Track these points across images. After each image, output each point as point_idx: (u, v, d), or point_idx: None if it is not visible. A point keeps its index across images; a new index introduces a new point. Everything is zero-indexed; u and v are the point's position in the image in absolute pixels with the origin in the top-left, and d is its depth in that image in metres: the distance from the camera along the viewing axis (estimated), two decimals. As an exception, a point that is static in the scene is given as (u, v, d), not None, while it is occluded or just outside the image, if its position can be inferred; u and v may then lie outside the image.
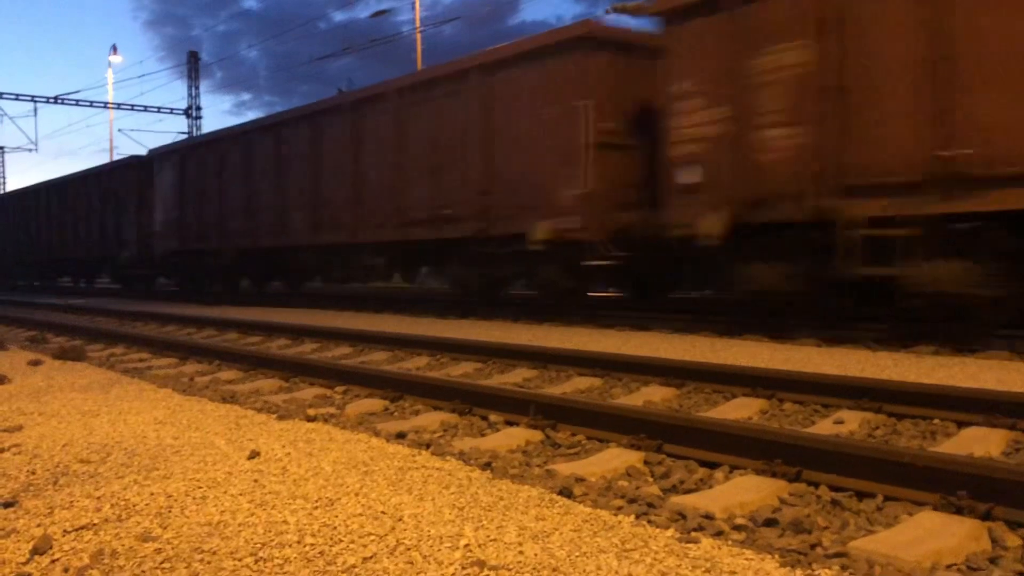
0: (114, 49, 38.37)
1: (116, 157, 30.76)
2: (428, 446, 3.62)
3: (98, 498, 2.84)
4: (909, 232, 6.77)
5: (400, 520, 2.55)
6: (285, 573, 2.17)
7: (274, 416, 4.30)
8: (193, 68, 34.43)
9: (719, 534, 2.49)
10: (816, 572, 2.15)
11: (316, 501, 2.76)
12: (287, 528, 2.50)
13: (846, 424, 4.05)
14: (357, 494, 2.83)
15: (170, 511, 2.69)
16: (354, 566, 2.20)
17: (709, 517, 2.65)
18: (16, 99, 31.59)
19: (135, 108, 34.67)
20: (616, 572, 2.13)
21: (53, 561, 2.30)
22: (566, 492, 2.88)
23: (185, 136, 31.79)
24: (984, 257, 6.53)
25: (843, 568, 2.20)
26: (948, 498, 2.65)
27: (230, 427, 4.02)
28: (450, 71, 11.81)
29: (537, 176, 10.33)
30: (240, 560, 2.26)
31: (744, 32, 7.92)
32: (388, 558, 2.25)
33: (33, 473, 3.24)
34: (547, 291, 10.99)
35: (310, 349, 8.11)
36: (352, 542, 2.38)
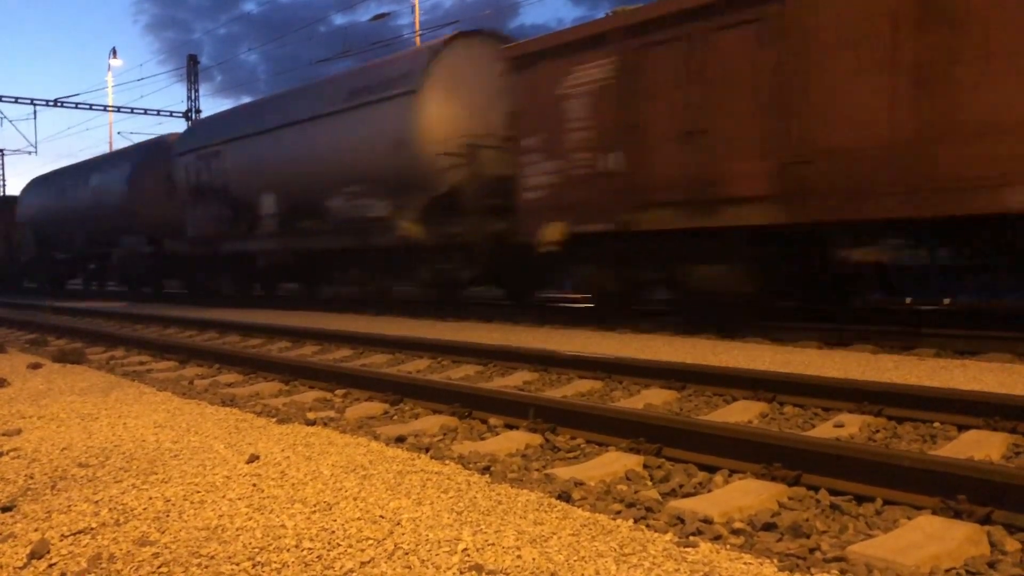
0: (114, 52, 38.41)
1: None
2: (427, 450, 3.62)
3: (96, 502, 2.84)
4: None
5: (398, 524, 2.55)
6: (282, 578, 2.17)
7: (274, 420, 4.30)
8: (192, 71, 34.43)
9: (718, 538, 2.49)
10: (815, 577, 2.15)
11: (314, 505, 2.76)
12: (285, 532, 2.50)
13: (846, 427, 4.04)
14: (356, 498, 2.83)
15: (168, 515, 2.69)
16: (352, 570, 2.20)
17: (708, 521, 2.64)
18: (16, 102, 31.59)
19: (135, 111, 34.71)
20: (614, 577, 2.13)
21: (51, 566, 2.30)
22: (565, 496, 2.87)
23: None
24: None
25: (842, 572, 2.19)
26: (947, 502, 2.65)
27: (229, 431, 4.02)
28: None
29: None
30: (238, 564, 2.26)
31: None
32: (386, 562, 2.25)
33: (31, 477, 3.24)
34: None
35: (311, 352, 8.10)
36: (350, 546, 2.37)
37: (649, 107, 8.68)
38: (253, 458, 3.38)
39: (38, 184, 26.91)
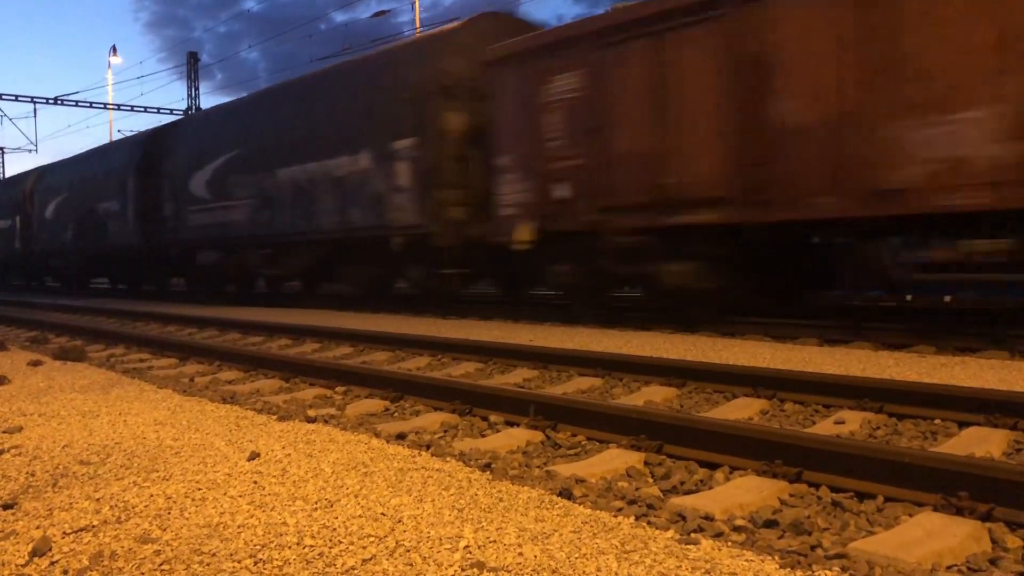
0: (114, 50, 38.34)
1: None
2: (428, 447, 3.62)
3: (97, 500, 2.84)
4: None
5: (400, 522, 2.55)
6: (284, 575, 2.17)
7: (274, 417, 4.30)
8: (193, 69, 34.41)
9: (719, 535, 2.49)
10: (816, 573, 2.15)
11: (316, 502, 2.76)
12: (286, 530, 2.50)
13: (847, 424, 4.04)
14: (357, 495, 2.83)
15: (169, 513, 2.69)
16: (353, 568, 2.20)
17: (709, 518, 2.64)
18: (16, 100, 31.63)
19: (135, 109, 34.76)
20: (616, 574, 2.13)
21: (52, 563, 2.30)
22: (566, 493, 2.87)
23: None
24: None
25: (843, 570, 2.19)
26: (949, 499, 2.65)
27: (230, 428, 4.02)
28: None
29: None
30: (239, 562, 2.26)
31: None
32: (387, 560, 2.25)
33: (33, 475, 3.24)
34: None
35: (311, 349, 8.10)
36: (352, 544, 2.37)
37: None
38: (254, 455, 3.38)
39: None
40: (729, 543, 2.38)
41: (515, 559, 2.23)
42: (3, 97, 30.88)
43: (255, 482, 3.01)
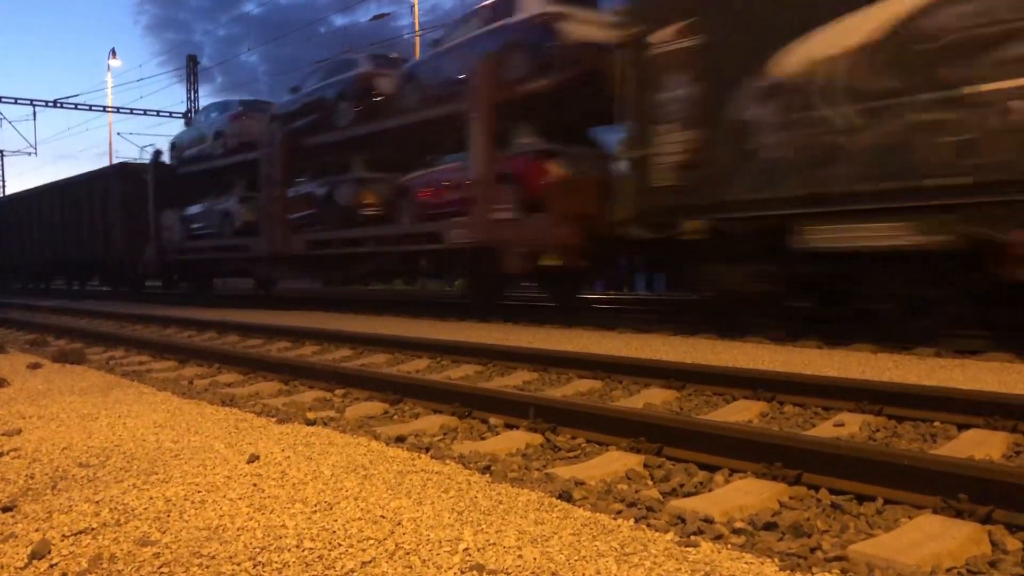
0: (113, 53, 38.33)
1: (116, 160, 30.03)
2: (428, 449, 3.62)
3: (97, 502, 2.84)
4: None
5: (399, 524, 2.55)
6: (284, 578, 2.17)
7: (274, 419, 4.30)
8: (192, 72, 34.42)
9: (719, 538, 2.49)
10: (816, 576, 2.15)
11: (315, 505, 2.76)
12: (286, 532, 2.50)
13: (847, 426, 4.04)
14: (356, 498, 2.83)
15: (169, 515, 2.68)
16: (353, 570, 2.20)
17: (709, 521, 2.64)
18: (15, 103, 31.66)
19: (134, 112, 34.80)
20: (615, 576, 2.13)
21: (51, 566, 2.30)
22: (565, 496, 2.87)
23: None
24: None
25: (843, 572, 2.19)
26: (948, 501, 2.65)
27: (229, 430, 4.02)
28: None
29: None
30: (239, 564, 2.25)
31: None
32: (387, 562, 2.25)
33: (32, 477, 3.24)
34: None
35: (310, 352, 8.10)
36: (351, 546, 2.37)
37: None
38: (253, 458, 3.37)
39: None
40: (729, 545, 2.38)
41: (515, 561, 2.23)
42: (2, 100, 30.90)
43: (254, 485, 3.01)
